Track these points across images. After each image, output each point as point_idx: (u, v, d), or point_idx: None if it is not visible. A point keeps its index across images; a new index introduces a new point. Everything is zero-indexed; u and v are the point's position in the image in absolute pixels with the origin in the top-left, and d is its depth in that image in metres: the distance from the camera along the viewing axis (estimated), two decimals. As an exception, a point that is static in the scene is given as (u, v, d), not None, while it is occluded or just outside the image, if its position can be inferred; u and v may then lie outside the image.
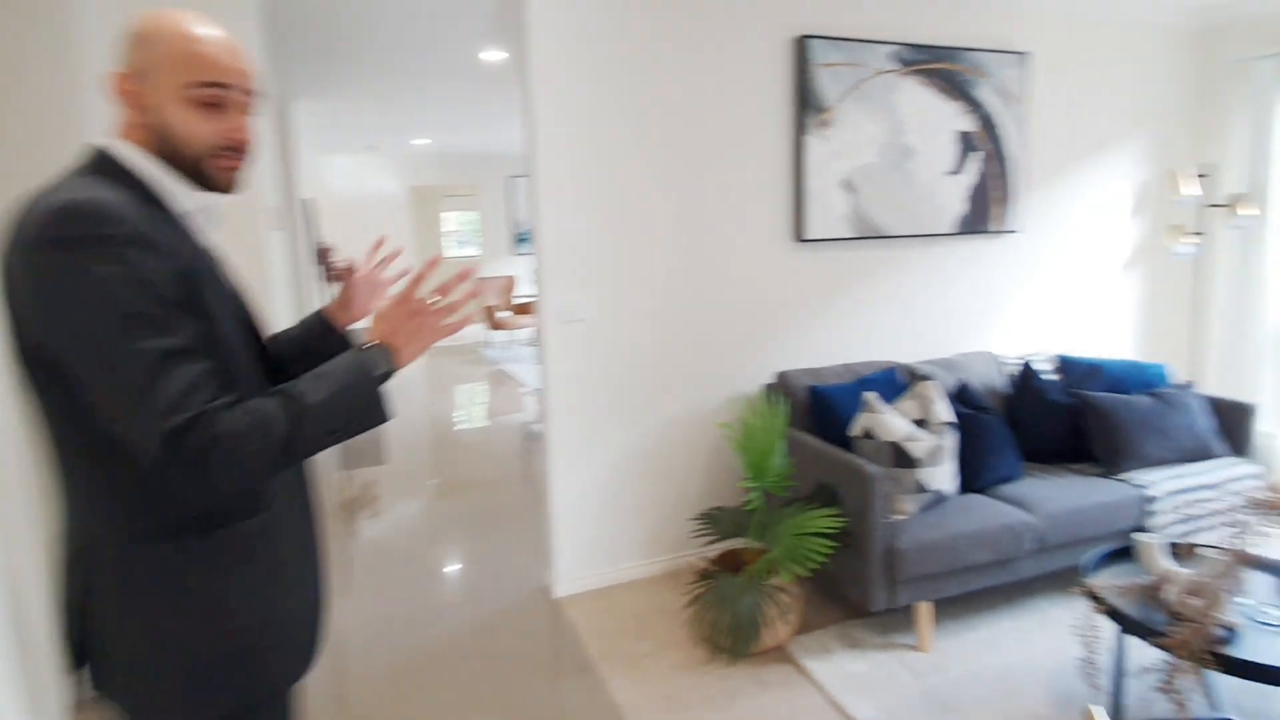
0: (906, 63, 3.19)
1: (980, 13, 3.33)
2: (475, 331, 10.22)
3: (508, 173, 9.62)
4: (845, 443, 2.71)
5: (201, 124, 0.91)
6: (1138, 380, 3.20)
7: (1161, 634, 1.85)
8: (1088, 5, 3.51)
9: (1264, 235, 3.68)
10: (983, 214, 3.45)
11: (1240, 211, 3.63)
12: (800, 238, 3.10)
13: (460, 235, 12.99)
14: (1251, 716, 2.08)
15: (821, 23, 3.05)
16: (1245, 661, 1.75)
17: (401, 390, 7.09)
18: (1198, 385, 3.82)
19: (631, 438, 2.95)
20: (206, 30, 0.92)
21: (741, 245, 3.03)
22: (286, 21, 3.59)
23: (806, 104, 3.03)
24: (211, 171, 0.94)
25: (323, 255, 6.54)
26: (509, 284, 9.28)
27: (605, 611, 2.76)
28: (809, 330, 3.20)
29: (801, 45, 2.99)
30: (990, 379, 3.26)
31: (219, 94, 0.91)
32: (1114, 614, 1.99)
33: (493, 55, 4.24)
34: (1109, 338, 3.94)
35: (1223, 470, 2.88)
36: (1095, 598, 2.05)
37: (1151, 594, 2.04)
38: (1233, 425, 3.03)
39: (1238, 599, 1.99)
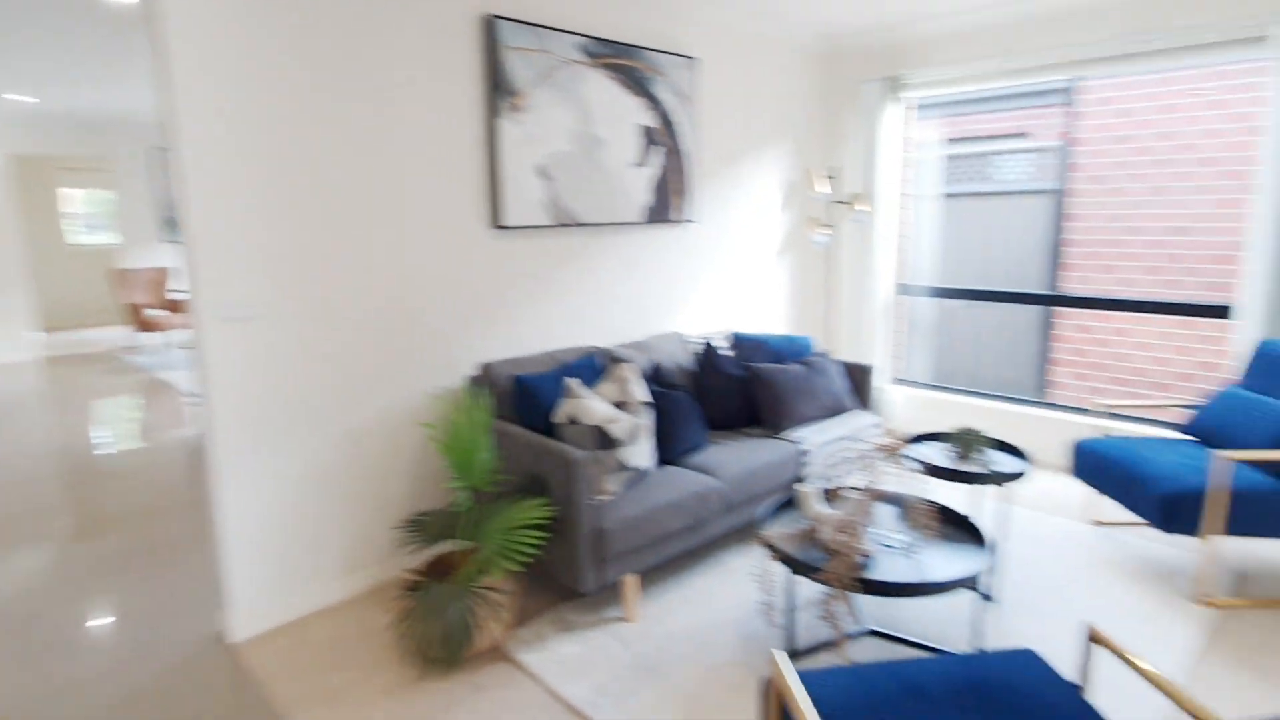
0: (593, 55, 3.28)
1: (655, 15, 3.55)
2: (118, 334, 8.51)
3: (152, 143, 8.07)
4: (551, 430, 2.73)
5: None
6: (792, 351, 3.72)
7: (819, 569, 2.16)
8: (741, 20, 3.95)
9: (874, 227, 4.51)
10: (665, 204, 3.71)
11: (858, 207, 4.40)
12: (498, 224, 3.04)
13: (90, 219, 10.67)
14: (887, 624, 2.54)
15: (510, 4, 2.99)
16: (876, 581, 2.11)
17: (6, 414, 5.61)
18: (833, 352, 4.57)
19: (320, 447, 2.64)
20: None
21: (438, 232, 2.87)
22: None
23: (499, 87, 2.96)
24: None
25: None
26: (160, 277, 7.83)
27: (296, 647, 2.45)
28: (511, 320, 3.16)
29: (491, 25, 2.91)
30: (679, 358, 3.53)
31: None
32: (783, 558, 2.27)
33: (112, -5, 3.46)
34: (768, 315, 4.53)
35: (854, 421, 3.47)
36: (769, 546, 2.32)
37: (810, 536, 2.37)
38: (859, 383, 3.68)
39: (872, 530, 2.40)
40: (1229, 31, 3.27)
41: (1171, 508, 2.58)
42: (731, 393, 3.39)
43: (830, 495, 2.65)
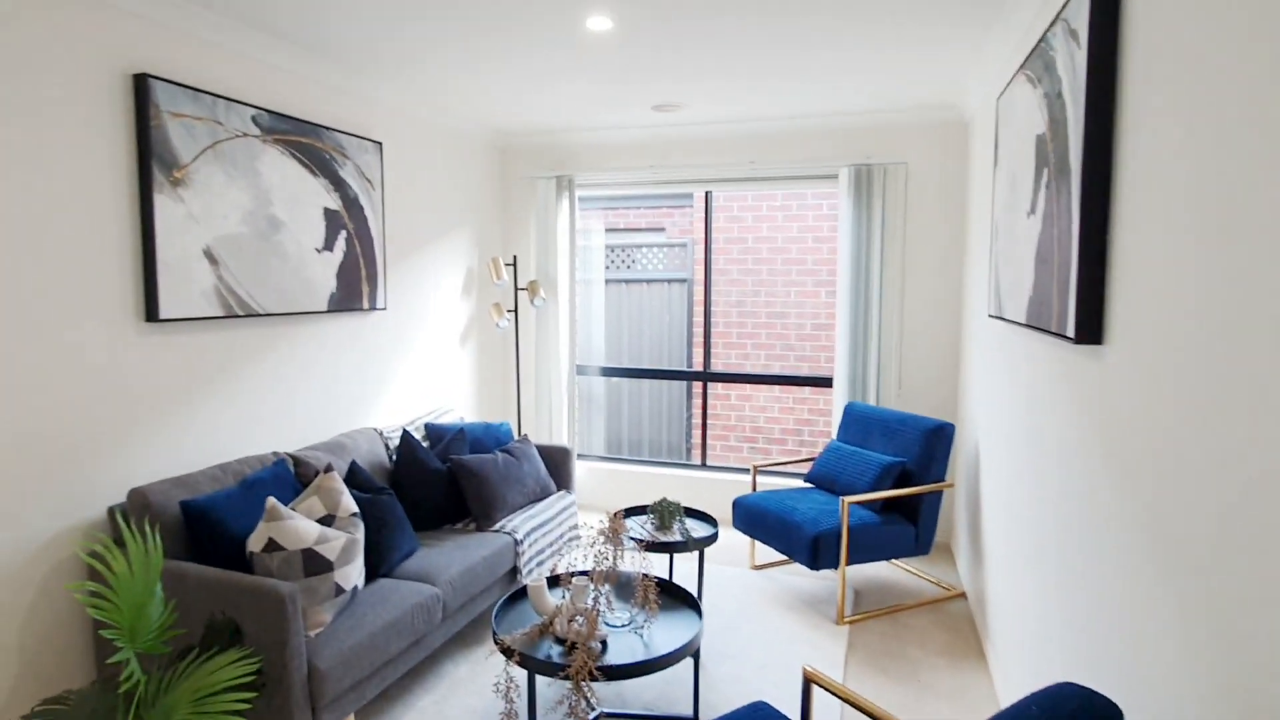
0: (268, 130, 2.98)
1: (337, 95, 3.38)
2: None
3: None
4: (243, 562, 2.32)
5: None
6: (491, 438, 3.74)
7: (563, 666, 2.19)
8: (420, 108, 3.96)
9: (555, 312, 4.81)
10: (353, 291, 3.48)
11: (538, 293, 4.66)
12: (153, 316, 2.53)
13: None
14: (616, 703, 2.65)
15: (169, 64, 2.58)
16: (616, 666, 2.21)
17: None
18: (525, 434, 4.69)
19: None
20: None
21: (67, 331, 2.28)
22: None
23: (155, 157, 2.51)
24: None
25: None
26: None
27: None
28: (171, 431, 2.63)
29: (143, 84, 2.47)
30: (376, 455, 3.30)
31: None
32: (524, 662, 2.25)
33: None
34: (458, 400, 4.49)
35: (558, 504, 3.61)
36: (507, 652, 2.28)
37: (545, 630, 2.40)
38: (558, 465, 3.84)
39: (603, 611, 2.52)
40: (813, 169, 4.31)
41: (818, 548, 3.19)
42: (435, 488, 3.27)
43: (557, 582, 2.71)
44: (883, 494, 3.31)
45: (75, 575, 2.33)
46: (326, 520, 2.44)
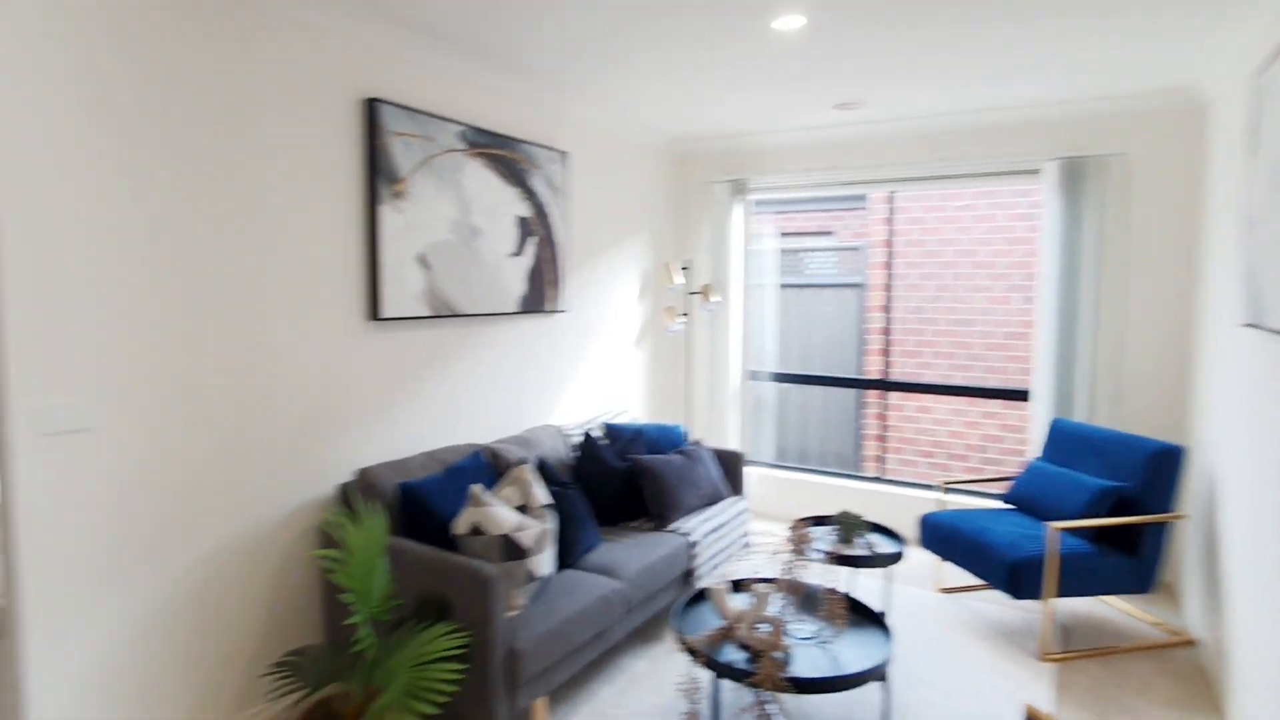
0: (472, 144, 3.22)
1: (529, 109, 3.58)
2: None
3: None
4: (448, 542, 2.50)
5: None
6: (666, 440, 3.78)
7: (750, 673, 2.15)
8: (604, 119, 4.10)
9: (727, 316, 4.79)
10: (539, 294, 3.67)
11: (711, 297, 4.66)
12: (376, 316, 2.80)
13: None
14: (806, 716, 2.57)
15: (392, 89, 2.86)
16: (805, 679, 2.14)
17: None
18: (699, 438, 4.70)
19: (158, 589, 2.19)
20: None
21: (309, 326, 2.58)
22: None
23: (380, 172, 2.78)
24: None
25: None
26: None
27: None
28: (387, 419, 2.89)
29: (372, 109, 2.75)
30: (558, 451, 3.44)
31: None
32: (709, 664, 2.24)
33: None
34: (630, 402, 4.59)
35: (731, 509, 3.58)
36: (692, 652, 2.28)
37: (727, 635, 2.37)
38: (731, 469, 3.81)
39: (787, 623, 2.45)
40: (1010, 164, 3.98)
41: (1019, 574, 2.92)
42: (613, 485, 3.35)
43: (738, 587, 2.67)
44: (1099, 521, 2.97)
45: (312, 545, 2.62)
46: (522, 509, 2.57)
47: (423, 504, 2.54)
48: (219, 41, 2.27)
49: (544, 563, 2.49)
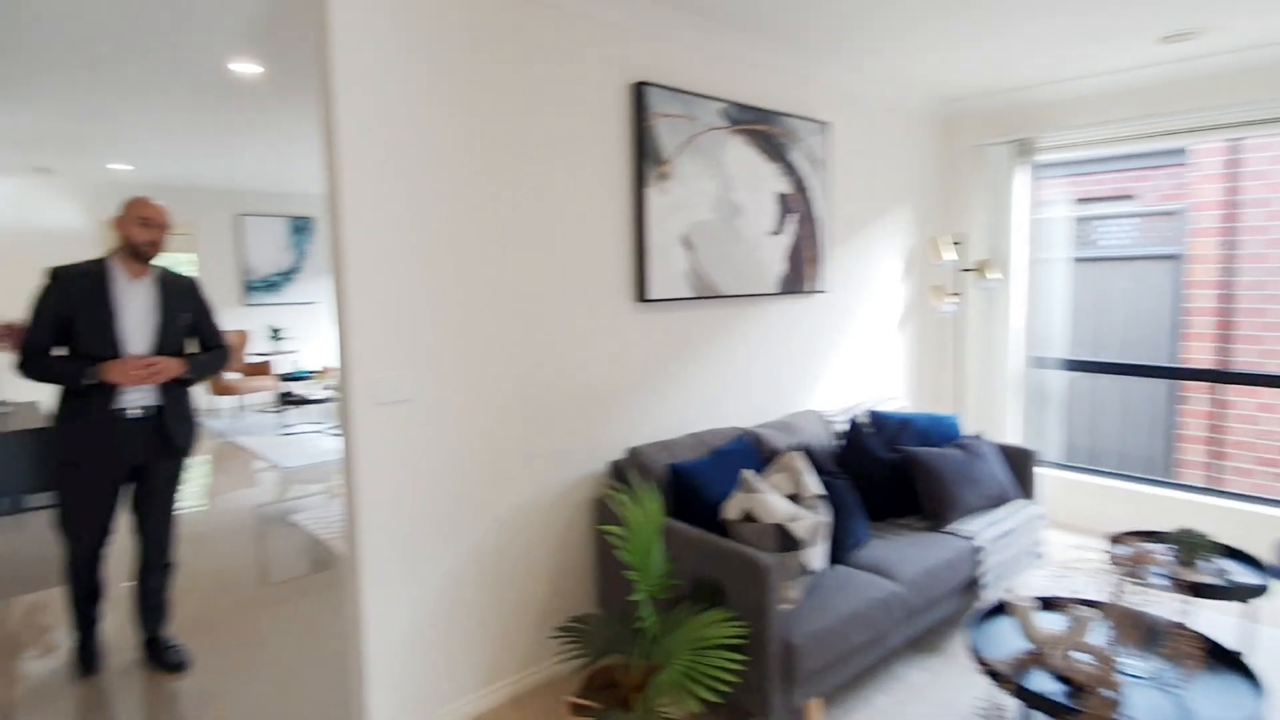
0: (734, 121, 3.14)
1: (790, 80, 3.42)
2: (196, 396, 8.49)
3: (236, 210, 8.23)
4: (717, 526, 2.46)
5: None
6: (939, 432, 3.41)
7: (1071, 709, 1.82)
8: (865, 86, 3.80)
9: (1006, 294, 4.24)
10: (799, 274, 3.50)
11: (988, 274, 4.15)
12: (642, 298, 2.84)
13: (167, 279, 10.86)
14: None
15: (658, 71, 2.87)
16: (1149, 727, 1.76)
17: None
18: (984, 433, 4.24)
19: (466, 545, 2.41)
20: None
21: (586, 307, 2.68)
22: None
23: (646, 154, 2.81)
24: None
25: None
26: (239, 340, 7.85)
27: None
28: (653, 400, 2.93)
29: (639, 92, 2.78)
30: (820, 438, 3.26)
31: None
32: (1018, 692, 1.94)
33: (247, 68, 3.44)
34: (893, 389, 4.24)
35: (1021, 512, 3.13)
36: (996, 676, 1.99)
37: (1040, 661, 2.04)
38: (1020, 469, 3.34)
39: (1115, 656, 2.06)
40: None
41: None
42: (881, 478, 3.09)
43: (1049, 606, 2.31)
44: None
45: (589, 516, 2.73)
46: (792, 498, 2.44)
47: (692, 485, 2.52)
48: (502, 42, 2.41)
49: (817, 556, 2.34)
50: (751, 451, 2.82)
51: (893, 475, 3.10)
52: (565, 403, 2.65)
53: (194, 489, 5.36)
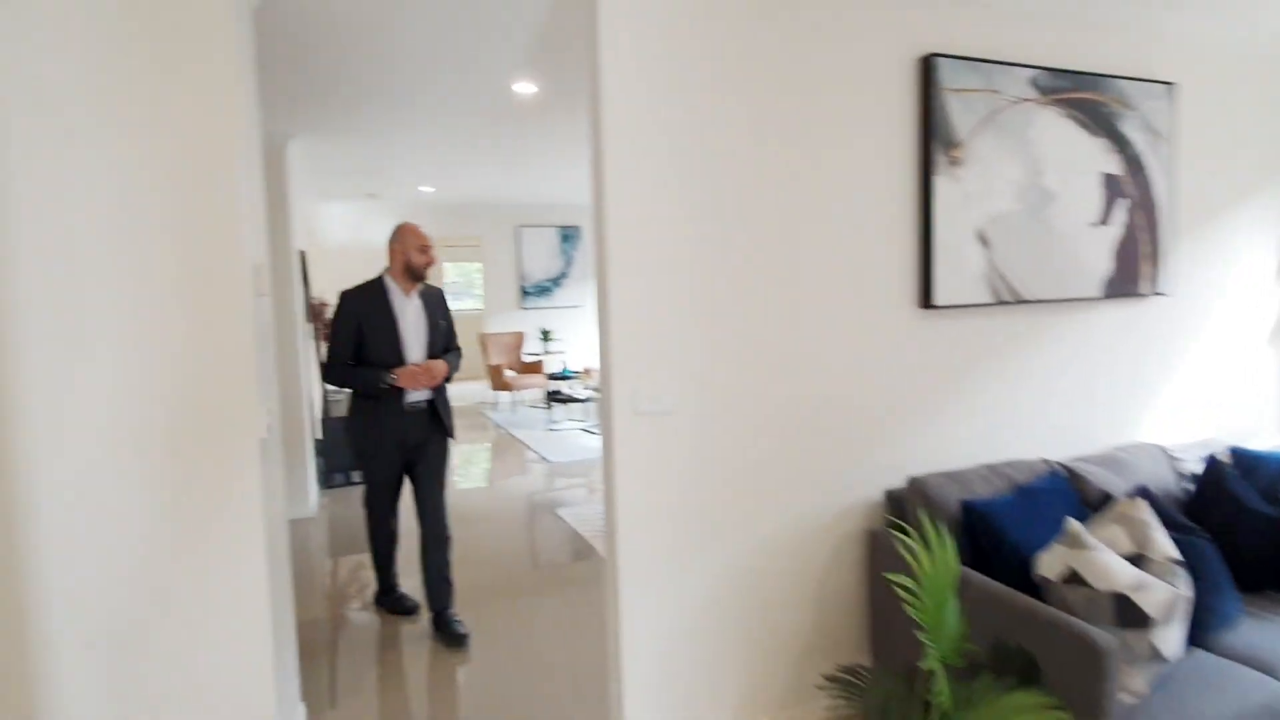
0: (1045, 90, 2.61)
1: (1120, 37, 2.77)
2: (479, 391, 9.56)
3: (516, 223, 9.07)
4: (1025, 583, 2.02)
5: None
6: (1343, 481, 2.54)
7: None
8: (1223, 35, 2.97)
9: None
10: (1131, 274, 2.83)
11: None
12: (927, 303, 2.47)
13: (457, 287, 12.40)
14: None
15: (951, 40, 2.47)
16: None
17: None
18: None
19: (724, 564, 2.25)
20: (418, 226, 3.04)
21: (855, 314, 2.39)
22: (284, 52, 3.01)
23: (934, 137, 2.43)
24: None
25: (316, 311, 5.88)
26: (516, 341, 8.63)
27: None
28: (937, 421, 2.53)
29: (928, 66, 2.41)
30: (1162, 480, 2.59)
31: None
32: None
33: (525, 88, 3.66)
34: (1263, 421, 3.29)
35: None
36: None
37: None
38: None
39: None
40: None
41: None
42: (1257, 536, 2.36)
43: None
44: None
45: (858, 550, 2.43)
46: (1134, 560, 1.92)
47: (991, 529, 2.10)
48: (769, 26, 2.21)
49: (1172, 638, 1.81)
50: (1066, 492, 2.30)
51: (1273, 534, 2.36)
52: (833, 421, 2.37)
53: (478, 471, 5.95)
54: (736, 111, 2.17)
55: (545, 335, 8.92)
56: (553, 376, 7.97)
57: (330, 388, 5.94)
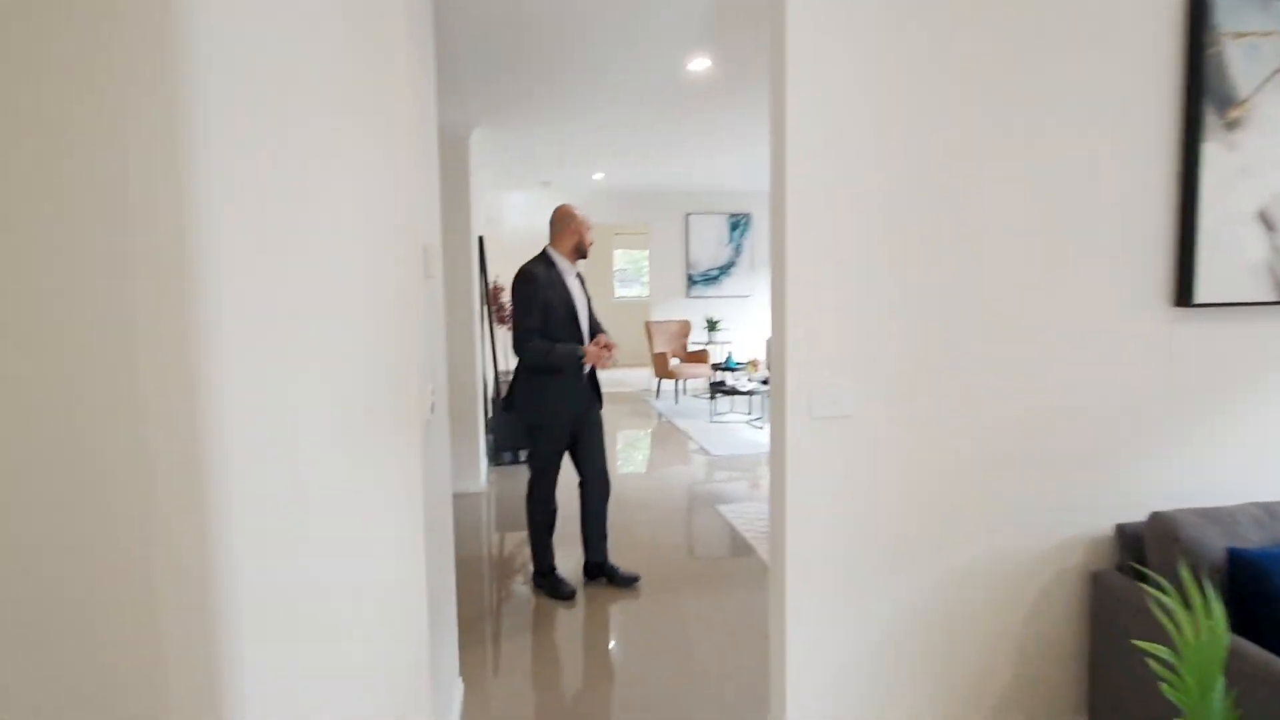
0: (1370, 28, 2.03)
1: None
2: (643, 378, 9.63)
3: (685, 210, 8.98)
4: (1323, 663, 1.57)
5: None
6: None
7: None
8: None
9: None
10: None
11: None
12: (1185, 300, 2.01)
13: (624, 275, 12.56)
14: None
15: (1233, -30, 1.98)
16: None
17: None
18: None
19: (907, 592, 1.97)
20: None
21: (1081, 311, 1.99)
22: (465, 42, 3.05)
23: (1205, 94, 1.96)
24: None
25: (494, 295, 6.13)
26: (682, 329, 8.55)
27: None
28: (1189, 445, 2.06)
29: (1197, 6, 1.94)
30: None
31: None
32: None
33: (700, 64, 3.49)
34: None
35: None
36: None
37: None
38: None
39: None
40: None
41: None
42: None
43: None
44: None
45: (1077, 591, 2.04)
46: None
47: (1270, 589, 1.66)
48: (1011, -39, 1.86)
49: None
50: (1383, 548, 1.77)
51: None
52: (1050, 439, 2.00)
53: (639, 457, 5.95)
54: (941, 80, 1.86)
55: (711, 325, 8.76)
56: (717, 367, 7.80)
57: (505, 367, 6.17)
